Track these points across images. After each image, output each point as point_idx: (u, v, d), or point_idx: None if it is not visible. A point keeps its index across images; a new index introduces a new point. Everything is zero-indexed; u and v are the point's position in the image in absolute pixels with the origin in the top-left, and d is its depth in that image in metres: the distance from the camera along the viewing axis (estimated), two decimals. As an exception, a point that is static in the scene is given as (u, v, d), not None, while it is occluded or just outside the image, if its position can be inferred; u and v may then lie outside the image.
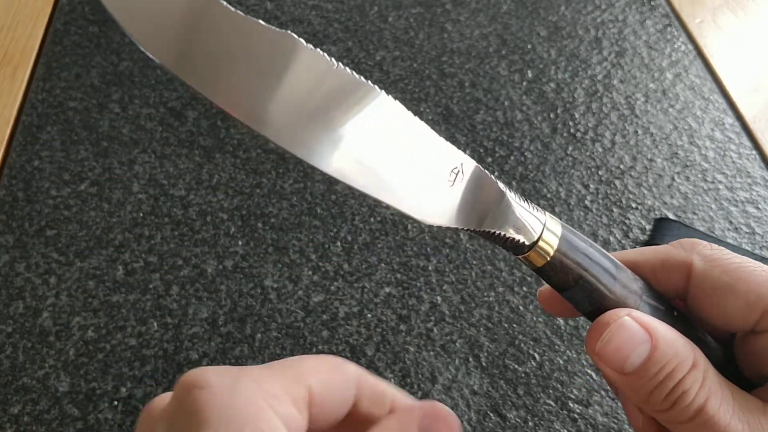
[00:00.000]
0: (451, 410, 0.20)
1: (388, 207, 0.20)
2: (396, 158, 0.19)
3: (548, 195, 0.48)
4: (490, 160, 0.50)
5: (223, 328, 0.39)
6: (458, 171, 0.20)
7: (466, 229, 0.20)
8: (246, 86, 0.17)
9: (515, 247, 0.21)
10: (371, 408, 0.20)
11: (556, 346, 0.40)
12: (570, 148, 0.51)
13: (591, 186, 0.49)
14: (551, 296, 0.25)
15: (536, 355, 0.40)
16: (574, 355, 0.40)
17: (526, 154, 0.51)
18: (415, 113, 0.19)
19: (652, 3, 0.65)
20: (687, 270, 0.22)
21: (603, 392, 0.38)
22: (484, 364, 0.39)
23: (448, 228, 0.19)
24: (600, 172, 0.50)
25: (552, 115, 0.54)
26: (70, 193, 0.45)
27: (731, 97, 0.57)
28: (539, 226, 0.21)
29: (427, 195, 0.19)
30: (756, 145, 0.53)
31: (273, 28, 0.18)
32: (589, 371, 0.39)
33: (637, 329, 0.21)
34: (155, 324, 0.39)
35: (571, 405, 0.38)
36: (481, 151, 0.51)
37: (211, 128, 0.50)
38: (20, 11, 0.58)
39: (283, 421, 0.17)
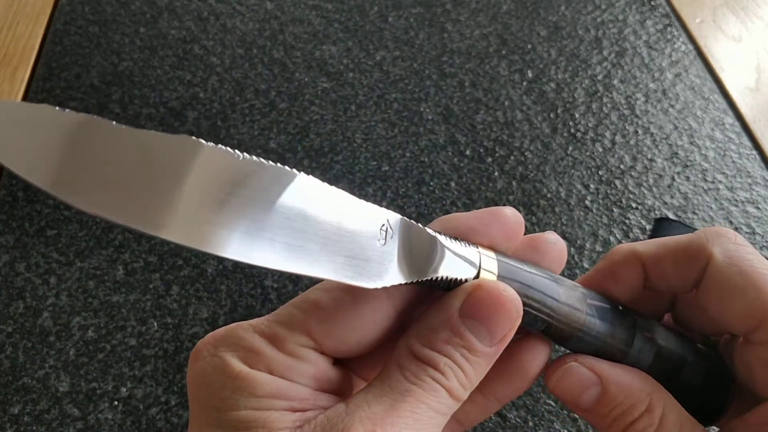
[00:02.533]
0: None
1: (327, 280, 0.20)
2: (321, 233, 0.18)
3: (548, 195, 0.48)
4: (490, 160, 0.50)
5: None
6: (386, 228, 0.20)
7: (408, 283, 0.19)
8: (143, 197, 0.17)
9: (456, 287, 0.21)
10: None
11: (556, 346, 0.40)
12: (570, 148, 0.51)
13: (591, 186, 0.49)
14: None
15: (536, 355, 0.40)
16: (574, 355, 0.40)
17: (526, 154, 0.51)
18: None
19: (652, 3, 0.65)
20: (705, 262, 0.22)
21: (603, 392, 0.38)
22: (484, 364, 0.39)
23: (392, 287, 0.19)
24: (600, 172, 0.50)
25: (552, 115, 0.54)
26: (70, 193, 0.45)
27: (731, 97, 0.57)
28: (476, 263, 0.21)
29: (362, 261, 0.19)
30: (756, 145, 0.53)
31: (168, 135, 0.17)
32: (589, 371, 0.39)
33: (586, 374, 0.22)
34: (155, 324, 0.39)
35: (571, 405, 0.38)
36: (481, 151, 0.51)
37: (211, 128, 0.50)
38: (20, 11, 0.58)
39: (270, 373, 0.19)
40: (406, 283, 0.19)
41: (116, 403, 0.36)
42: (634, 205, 0.48)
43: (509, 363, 0.23)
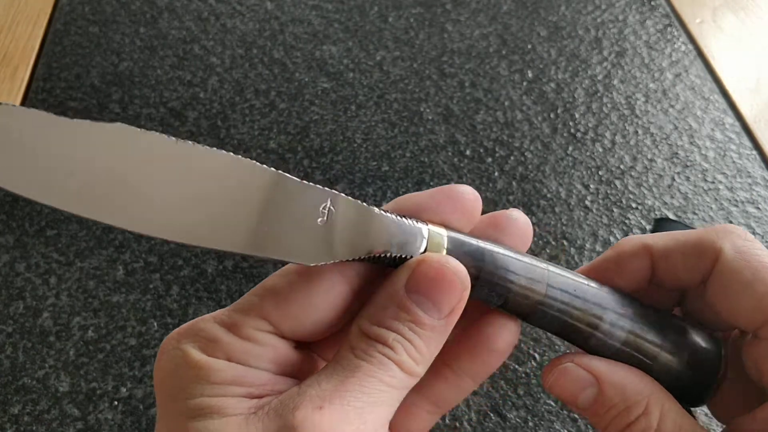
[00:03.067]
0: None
1: (268, 259, 0.20)
2: (261, 212, 0.19)
3: (548, 195, 0.48)
4: (490, 160, 0.50)
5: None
6: (328, 208, 0.20)
7: (351, 260, 0.20)
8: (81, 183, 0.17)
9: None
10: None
11: (556, 346, 0.40)
12: (570, 148, 0.51)
13: (591, 186, 0.49)
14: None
15: (536, 355, 0.40)
16: (574, 355, 0.40)
17: (526, 154, 0.51)
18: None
19: (652, 3, 0.65)
20: (715, 257, 0.22)
21: (603, 392, 0.38)
22: (484, 364, 0.39)
23: (334, 264, 0.20)
24: (600, 172, 0.50)
25: (552, 115, 0.54)
26: (70, 193, 0.45)
27: (731, 97, 0.57)
28: (423, 238, 0.21)
29: (300, 239, 0.19)
30: (756, 145, 0.53)
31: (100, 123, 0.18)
32: (589, 371, 0.39)
33: (581, 374, 0.22)
34: (155, 324, 0.39)
35: (571, 405, 0.38)
36: (481, 151, 0.51)
37: (211, 128, 0.50)
38: (20, 11, 0.58)
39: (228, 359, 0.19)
40: (350, 261, 0.20)
41: (116, 403, 0.36)
42: (634, 205, 0.48)
43: (475, 338, 0.23)
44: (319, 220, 0.20)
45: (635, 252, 0.24)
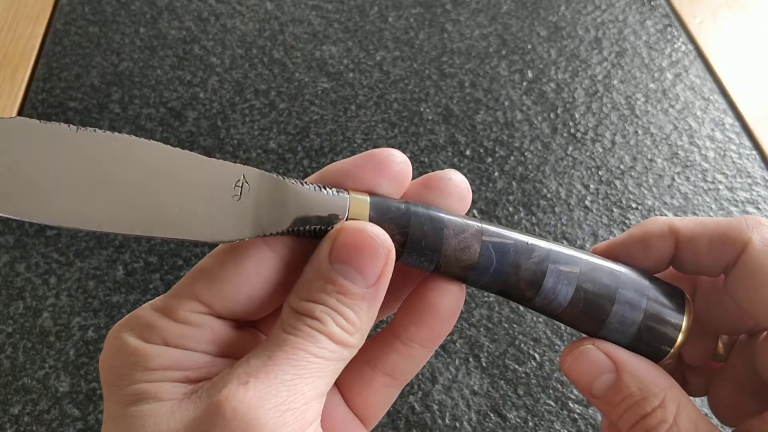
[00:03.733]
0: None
1: (182, 241, 0.20)
2: (170, 193, 0.19)
3: (548, 195, 0.48)
4: (490, 160, 0.50)
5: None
6: (241, 183, 0.20)
7: (269, 234, 0.19)
8: None
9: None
10: None
11: (556, 346, 0.40)
12: (570, 148, 0.51)
13: (591, 186, 0.49)
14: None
15: (536, 355, 0.40)
16: (574, 355, 0.40)
17: (526, 154, 0.51)
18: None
19: (652, 3, 0.65)
20: (742, 248, 0.22)
21: (603, 392, 0.38)
22: (484, 364, 0.39)
23: (250, 239, 0.19)
24: (600, 172, 0.50)
25: (552, 115, 0.54)
26: (70, 193, 0.45)
27: (731, 97, 0.57)
28: (344, 207, 0.20)
29: (212, 216, 0.19)
30: (756, 145, 0.53)
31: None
32: (589, 371, 0.39)
33: (601, 358, 0.22)
34: (155, 324, 0.39)
35: (571, 405, 0.38)
36: (481, 151, 0.51)
37: (211, 128, 0.50)
38: (20, 11, 0.58)
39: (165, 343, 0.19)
40: (272, 235, 0.20)
41: (116, 403, 0.36)
42: (634, 205, 0.48)
43: (418, 305, 0.22)
44: (234, 196, 0.19)
45: (662, 233, 0.23)
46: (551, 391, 0.38)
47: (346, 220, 0.20)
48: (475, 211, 0.47)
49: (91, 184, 0.18)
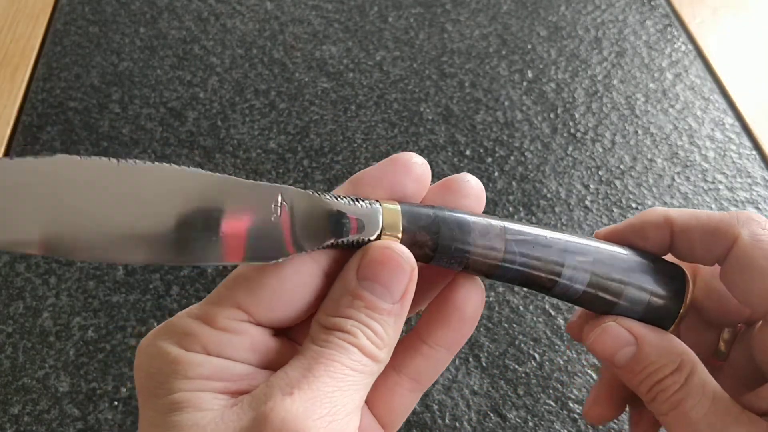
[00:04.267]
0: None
1: (232, 266, 0.20)
2: (212, 220, 0.19)
3: (548, 195, 0.48)
4: (490, 160, 0.50)
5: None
6: (279, 203, 0.20)
7: (309, 250, 0.20)
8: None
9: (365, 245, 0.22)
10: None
11: (556, 346, 0.40)
12: (570, 148, 0.51)
13: (591, 186, 0.49)
14: (594, 402, 0.27)
15: (536, 355, 0.40)
16: (574, 355, 0.40)
17: (526, 154, 0.51)
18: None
19: (652, 3, 0.65)
20: (732, 241, 0.23)
21: (603, 392, 0.38)
22: (484, 364, 0.39)
23: (294, 256, 0.20)
24: (600, 172, 0.50)
25: (552, 115, 0.54)
26: (70, 193, 0.45)
27: (731, 97, 0.57)
28: (377, 218, 0.21)
29: (254, 238, 0.19)
30: (756, 145, 0.53)
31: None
32: (589, 371, 0.39)
33: (622, 333, 0.23)
34: (155, 324, 0.39)
35: (571, 405, 0.38)
36: (481, 151, 0.51)
37: (211, 128, 0.50)
38: (20, 11, 0.58)
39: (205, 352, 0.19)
40: (308, 252, 0.20)
41: (116, 403, 0.36)
42: (634, 205, 0.48)
43: (444, 307, 0.23)
44: (273, 216, 0.20)
45: (658, 223, 0.25)
46: (551, 391, 0.38)
47: (381, 230, 0.21)
48: (475, 211, 0.47)
49: (136, 217, 0.18)
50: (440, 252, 0.22)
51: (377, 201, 0.22)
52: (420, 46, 0.58)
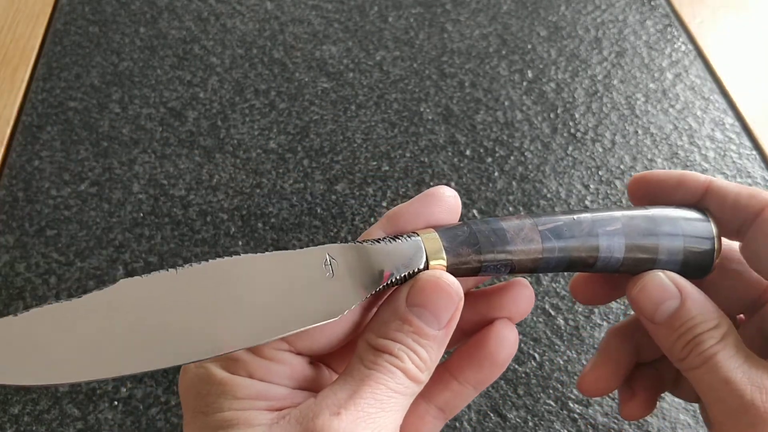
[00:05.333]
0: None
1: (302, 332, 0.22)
2: (272, 297, 0.20)
3: (548, 195, 0.48)
4: (490, 160, 0.50)
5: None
6: (329, 261, 0.21)
7: (369, 296, 0.21)
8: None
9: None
10: None
11: (556, 346, 0.40)
12: (570, 148, 0.51)
13: (591, 186, 0.49)
14: (584, 282, 0.28)
15: (536, 355, 0.40)
16: (574, 355, 0.40)
17: (526, 154, 0.51)
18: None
19: (652, 3, 0.65)
20: (760, 209, 0.24)
21: (603, 392, 0.38)
22: (484, 364, 0.39)
23: (357, 305, 0.21)
24: (600, 172, 0.50)
25: (552, 115, 0.54)
26: (70, 193, 0.45)
27: (731, 97, 0.57)
28: (420, 248, 0.22)
29: (320, 298, 0.21)
30: (756, 145, 0.53)
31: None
32: (589, 371, 0.39)
33: (669, 285, 0.24)
34: (155, 324, 0.39)
35: (571, 405, 0.38)
36: (481, 151, 0.51)
37: (211, 128, 0.50)
38: (20, 11, 0.58)
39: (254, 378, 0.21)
40: (370, 296, 0.21)
41: (116, 403, 0.36)
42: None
43: (477, 353, 0.25)
44: (327, 275, 0.21)
45: (697, 178, 0.26)
46: (551, 391, 0.38)
47: (426, 259, 0.22)
48: (474, 211, 0.47)
49: (205, 314, 0.20)
50: (485, 261, 0.23)
51: (414, 233, 0.23)
52: (420, 46, 0.58)
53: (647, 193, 0.27)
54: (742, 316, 0.28)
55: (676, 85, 0.57)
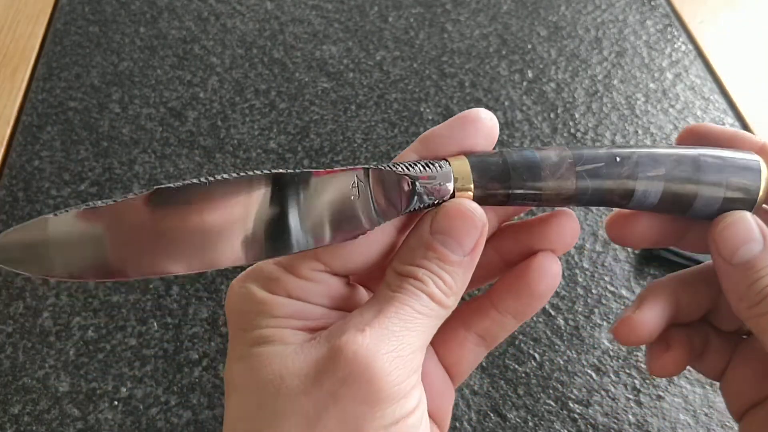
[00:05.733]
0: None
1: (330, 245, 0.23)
2: (306, 212, 0.22)
3: (548, 195, 0.48)
4: (490, 160, 0.50)
5: (223, 328, 0.39)
6: (356, 183, 0.22)
7: (390, 219, 0.22)
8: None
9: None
10: None
11: (556, 346, 0.40)
12: (570, 148, 0.51)
13: (591, 186, 0.49)
14: (622, 221, 0.27)
15: (536, 355, 0.40)
16: (574, 355, 0.40)
17: (526, 154, 0.51)
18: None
19: (652, 3, 0.65)
20: None
21: (603, 392, 0.38)
22: (484, 364, 0.39)
23: (379, 227, 0.22)
24: (600, 172, 0.50)
25: (552, 115, 0.54)
26: (70, 193, 0.45)
27: (731, 97, 0.57)
28: (449, 177, 0.22)
29: (346, 220, 0.22)
30: (756, 145, 0.53)
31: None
32: (589, 371, 0.39)
33: (755, 227, 0.24)
34: (155, 324, 0.39)
35: (571, 405, 0.38)
36: (481, 151, 0.51)
37: (211, 128, 0.50)
38: (20, 11, 0.58)
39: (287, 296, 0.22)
40: (391, 219, 0.22)
41: (116, 403, 0.36)
42: (634, 205, 0.48)
43: (518, 282, 0.25)
44: (352, 197, 0.22)
45: (753, 138, 0.25)
46: (551, 391, 0.38)
47: (454, 187, 0.22)
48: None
49: (249, 222, 0.21)
50: (513, 196, 0.23)
51: (445, 160, 0.23)
52: (420, 46, 0.58)
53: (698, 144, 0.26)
54: None
55: (676, 85, 0.57)
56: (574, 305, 0.42)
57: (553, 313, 0.42)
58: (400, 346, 0.20)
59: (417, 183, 0.22)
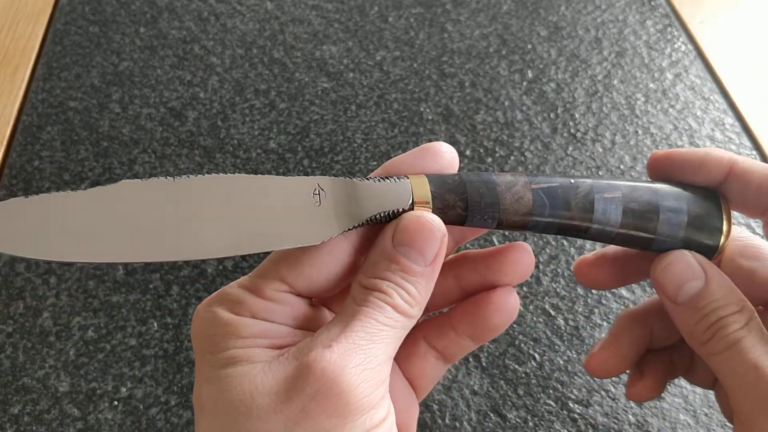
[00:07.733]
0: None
1: (282, 250, 0.23)
2: (259, 214, 0.22)
3: (548, 195, 0.48)
4: (490, 160, 0.50)
5: (223, 328, 0.39)
6: (318, 191, 0.23)
7: (350, 228, 0.22)
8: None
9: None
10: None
11: (556, 346, 0.40)
12: (570, 148, 0.51)
13: (591, 186, 0.49)
14: (592, 264, 0.28)
15: (536, 355, 0.40)
16: (574, 355, 0.40)
17: (526, 154, 0.51)
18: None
19: (652, 3, 0.65)
20: None
21: (603, 392, 0.38)
22: (484, 364, 0.39)
23: (339, 236, 0.22)
24: (600, 173, 0.50)
25: (552, 115, 0.54)
26: (70, 193, 0.45)
27: (731, 97, 0.57)
28: (408, 189, 0.23)
29: (299, 225, 0.22)
30: (756, 145, 0.53)
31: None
32: (589, 371, 0.39)
33: (695, 264, 0.24)
34: (155, 324, 0.39)
35: (571, 405, 0.38)
36: (481, 151, 0.51)
37: (211, 128, 0.50)
38: (20, 11, 0.58)
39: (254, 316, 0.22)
40: (350, 229, 0.22)
41: (116, 403, 0.36)
42: (634, 205, 0.48)
43: (476, 312, 0.26)
44: (315, 204, 0.22)
45: (720, 158, 0.25)
46: (551, 391, 0.38)
47: (412, 200, 0.23)
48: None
49: (197, 221, 0.21)
50: (471, 210, 0.23)
51: (405, 176, 0.23)
52: (420, 46, 0.58)
53: (667, 173, 0.26)
54: (761, 308, 0.27)
55: (676, 85, 0.57)
56: (574, 305, 0.42)
57: (553, 313, 0.42)
58: (367, 359, 0.21)
59: (376, 194, 0.23)
